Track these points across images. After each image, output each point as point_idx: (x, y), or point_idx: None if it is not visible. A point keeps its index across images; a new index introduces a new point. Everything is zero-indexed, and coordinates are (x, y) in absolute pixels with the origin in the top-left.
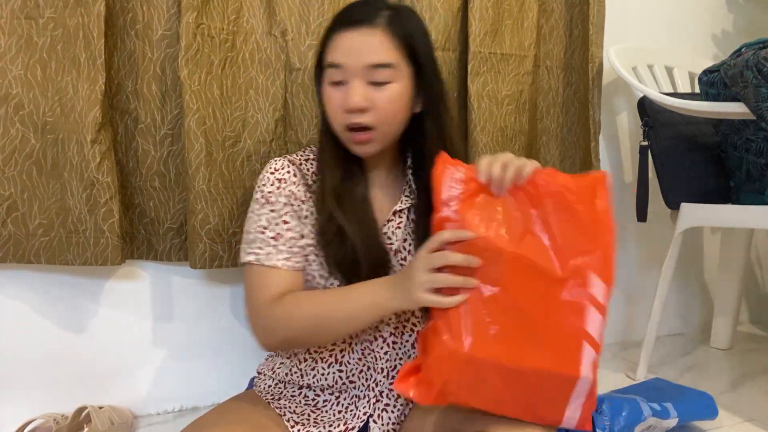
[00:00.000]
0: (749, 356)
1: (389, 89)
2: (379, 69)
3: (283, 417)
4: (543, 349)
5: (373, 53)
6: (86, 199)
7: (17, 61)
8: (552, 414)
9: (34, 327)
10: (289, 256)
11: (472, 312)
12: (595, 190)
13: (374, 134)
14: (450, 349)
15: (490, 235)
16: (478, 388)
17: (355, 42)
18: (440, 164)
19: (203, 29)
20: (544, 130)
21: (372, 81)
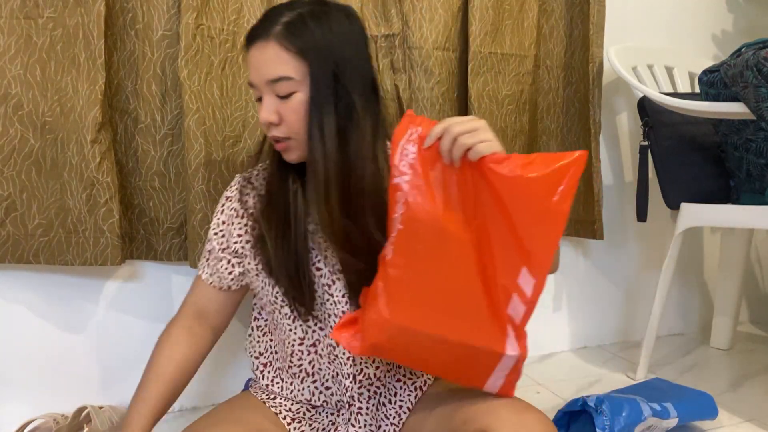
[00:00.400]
0: (749, 356)
1: (293, 100)
2: (278, 83)
3: (279, 415)
4: (472, 324)
5: (269, 68)
6: (86, 199)
7: (16, 60)
8: (475, 380)
9: (34, 327)
10: (212, 273)
11: (409, 282)
12: (560, 181)
13: (290, 143)
14: (383, 316)
15: (438, 214)
16: (407, 351)
17: (255, 59)
18: (403, 123)
19: (203, 30)
20: (545, 130)
21: (277, 94)
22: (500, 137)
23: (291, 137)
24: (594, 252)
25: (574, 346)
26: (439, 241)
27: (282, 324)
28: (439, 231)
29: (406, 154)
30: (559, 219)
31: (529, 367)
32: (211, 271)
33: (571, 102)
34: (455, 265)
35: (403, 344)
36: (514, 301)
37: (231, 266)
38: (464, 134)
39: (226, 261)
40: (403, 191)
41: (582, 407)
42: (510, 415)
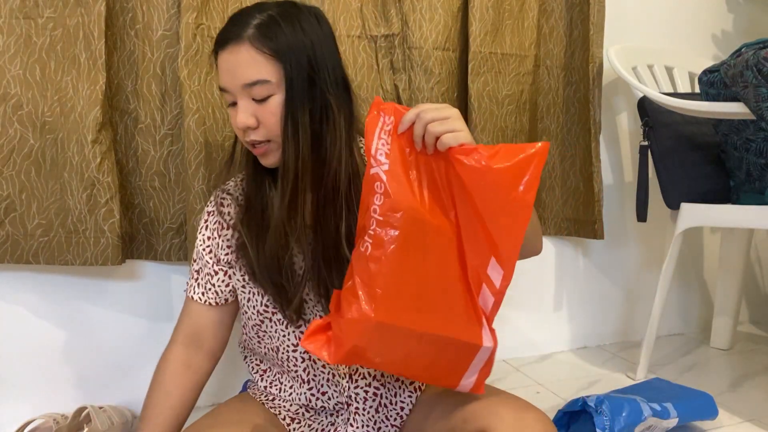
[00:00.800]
0: (749, 356)
1: (271, 102)
2: (255, 86)
3: (278, 416)
4: (449, 317)
5: (244, 72)
6: (86, 199)
7: (16, 60)
8: (451, 378)
9: (34, 327)
10: (204, 291)
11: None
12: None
13: (270, 146)
14: (366, 313)
15: (419, 204)
16: (385, 351)
17: (228, 63)
18: (372, 111)
19: (203, 29)
20: (545, 130)
21: (253, 98)
22: (500, 137)
23: (270, 140)
24: (594, 252)
25: (574, 346)
26: (419, 231)
27: (275, 332)
28: (420, 221)
29: (383, 144)
30: (525, 209)
31: (529, 367)
32: (203, 289)
33: (571, 102)
34: (436, 256)
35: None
36: (484, 292)
37: (227, 278)
38: (435, 122)
39: (222, 273)
40: (382, 181)
41: (582, 407)
42: (510, 414)
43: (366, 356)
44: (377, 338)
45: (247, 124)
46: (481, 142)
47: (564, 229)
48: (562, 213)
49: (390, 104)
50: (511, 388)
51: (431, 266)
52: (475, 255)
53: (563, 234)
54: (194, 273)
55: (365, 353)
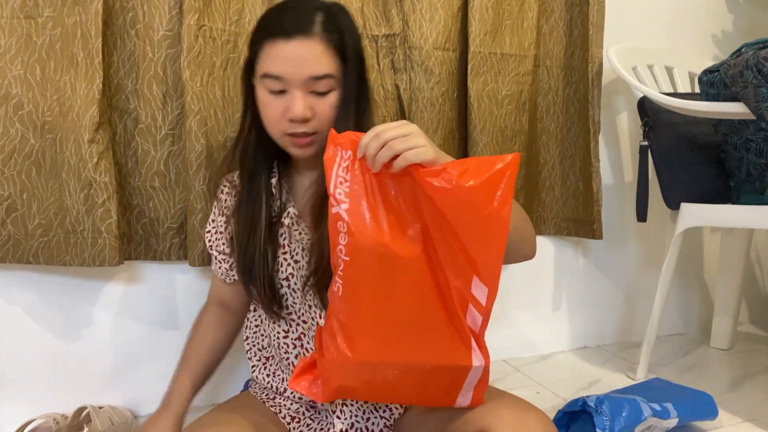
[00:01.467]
0: (749, 356)
1: (330, 97)
2: (320, 80)
3: (278, 414)
4: (436, 344)
5: (314, 65)
6: (84, 200)
7: (17, 60)
8: (445, 400)
9: (34, 327)
10: (218, 268)
11: (366, 314)
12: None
13: (315, 137)
14: (345, 354)
15: (385, 239)
16: (374, 386)
17: (293, 54)
18: (329, 147)
19: (205, 31)
20: (544, 130)
21: (313, 91)
22: (500, 137)
23: (317, 131)
24: (594, 252)
25: (574, 346)
26: (389, 266)
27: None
28: (387, 256)
29: (341, 181)
30: (501, 224)
31: (529, 367)
32: (217, 266)
33: (570, 102)
34: (410, 287)
35: (369, 380)
36: (471, 312)
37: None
38: (395, 140)
39: (221, 257)
40: (344, 221)
41: (582, 407)
42: (510, 415)
43: (354, 392)
44: (361, 375)
45: (306, 115)
46: (480, 143)
47: (563, 229)
48: (561, 213)
49: (345, 136)
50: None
51: (406, 298)
52: (456, 276)
53: (563, 234)
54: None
55: (352, 390)
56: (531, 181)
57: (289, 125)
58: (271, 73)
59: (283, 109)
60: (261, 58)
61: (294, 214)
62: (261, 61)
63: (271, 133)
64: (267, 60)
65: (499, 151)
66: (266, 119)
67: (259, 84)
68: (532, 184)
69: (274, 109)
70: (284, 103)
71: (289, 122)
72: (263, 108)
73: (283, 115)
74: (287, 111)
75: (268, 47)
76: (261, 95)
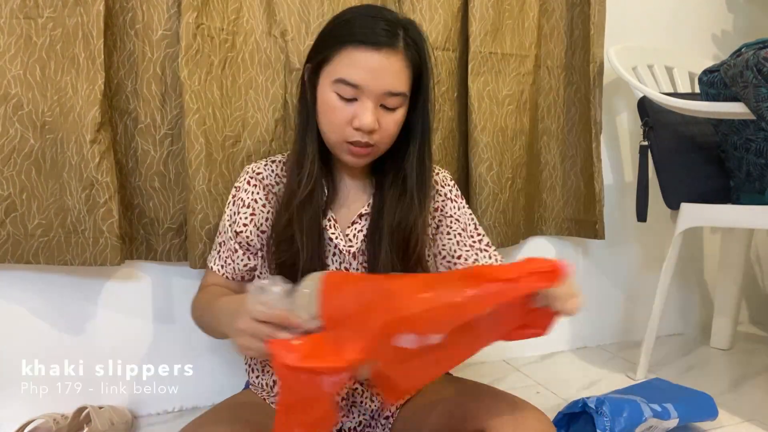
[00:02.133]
0: (749, 356)
1: (398, 113)
2: (394, 96)
3: None
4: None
5: (393, 80)
6: (85, 199)
7: (16, 60)
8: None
9: (34, 327)
10: (223, 264)
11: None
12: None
13: (373, 150)
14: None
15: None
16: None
17: (377, 65)
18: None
19: (203, 29)
20: (545, 130)
21: (384, 105)
22: (500, 137)
23: (376, 145)
24: (594, 252)
25: (574, 346)
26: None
27: None
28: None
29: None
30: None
31: (529, 367)
32: (222, 262)
33: (571, 102)
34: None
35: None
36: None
37: (247, 258)
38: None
39: (242, 251)
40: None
41: (582, 409)
42: (509, 414)
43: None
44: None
45: (374, 127)
46: (481, 142)
47: (565, 229)
48: (562, 213)
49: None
50: (511, 388)
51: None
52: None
53: (564, 234)
54: (218, 245)
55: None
56: (532, 181)
57: (353, 133)
58: (349, 80)
59: (351, 117)
60: (337, 62)
61: (332, 217)
62: (336, 65)
63: (330, 138)
64: (346, 65)
65: (500, 151)
66: (328, 123)
67: (328, 87)
68: (533, 184)
69: (341, 115)
70: (353, 111)
71: (353, 130)
72: (327, 112)
73: (348, 123)
74: (355, 119)
75: (349, 52)
76: (328, 99)
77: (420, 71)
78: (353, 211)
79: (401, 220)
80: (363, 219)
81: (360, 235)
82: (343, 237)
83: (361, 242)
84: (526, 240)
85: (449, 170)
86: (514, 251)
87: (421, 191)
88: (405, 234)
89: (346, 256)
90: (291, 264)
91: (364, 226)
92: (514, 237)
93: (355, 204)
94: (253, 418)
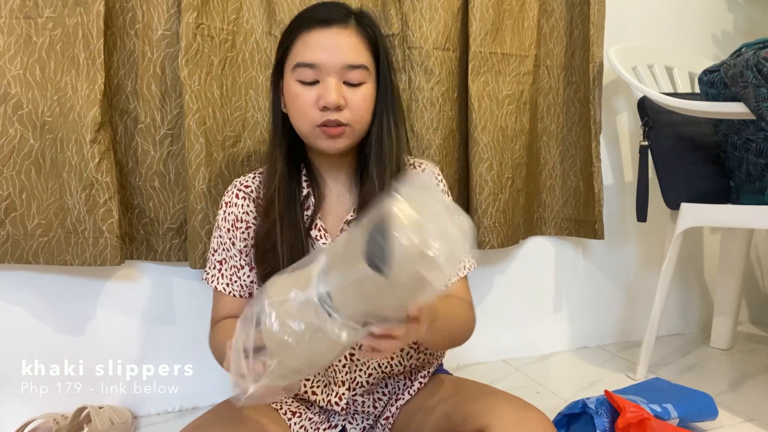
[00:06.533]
0: (749, 356)
1: (362, 89)
2: (355, 70)
3: (279, 411)
4: None
5: (349, 53)
6: (85, 199)
7: (16, 60)
8: None
9: (34, 327)
10: (230, 282)
11: None
12: None
13: (347, 129)
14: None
15: None
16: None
17: (330, 41)
18: None
19: (203, 29)
20: (545, 129)
21: (346, 81)
22: (500, 137)
23: (349, 124)
24: (594, 252)
25: (574, 346)
26: None
27: None
28: None
29: None
30: None
31: (529, 367)
32: (228, 281)
33: (571, 102)
34: None
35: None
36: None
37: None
38: None
39: (248, 268)
40: None
41: (582, 409)
42: (510, 414)
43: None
44: None
45: (340, 102)
46: (481, 142)
47: (564, 229)
48: (562, 213)
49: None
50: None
51: None
52: None
53: (563, 234)
54: (216, 263)
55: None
56: (531, 181)
57: (321, 115)
58: (305, 61)
59: (316, 98)
60: (294, 51)
61: (322, 227)
62: (294, 54)
63: (301, 127)
64: (301, 50)
65: (500, 151)
66: (297, 111)
67: (290, 78)
68: (533, 184)
69: (306, 99)
70: (317, 92)
71: (321, 112)
72: (293, 100)
73: (315, 104)
74: (320, 99)
75: (303, 37)
76: (292, 88)
77: (377, 49)
78: (341, 218)
79: (365, 198)
80: (350, 226)
81: None
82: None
83: None
84: (526, 240)
85: (449, 170)
86: (514, 251)
87: (380, 167)
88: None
89: None
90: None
91: None
92: (513, 237)
93: (343, 210)
94: (253, 418)
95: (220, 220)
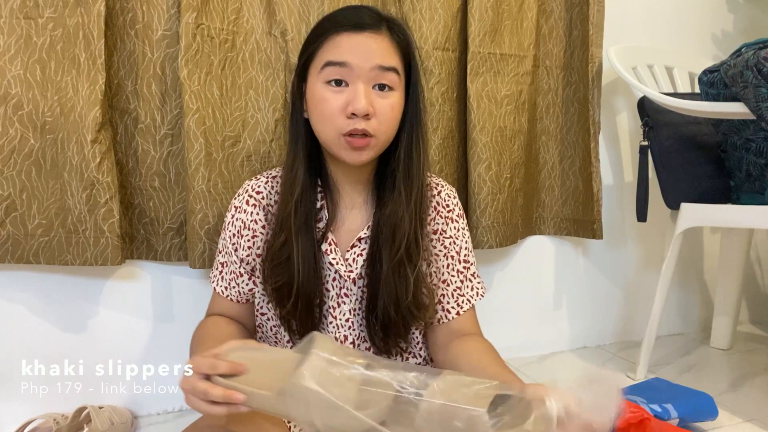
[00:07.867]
0: (749, 356)
1: (392, 96)
2: (387, 72)
3: None
4: None
5: (383, 55)
6: (86, 199)
7: (16, 60)
8: None
9: (34, 327)
10: (228, 287)
11: None
12: None
13: (372, 141)
14: None
15: None
16: None
17: (363, 43)
18: None
19: (203, 29)
20: (544, 130)
21: (377, 84)
22: (499, 137)
23: (375, 135)
24: (594, 252)
25: (574, 346)
26: None
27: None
28: None
29: None
30: None
31: (529, 367)
32: (226, 284)
33: (570, 102)
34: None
35: None
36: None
37: (251, 282)
38: None
39: (246, 276)
40: None
41: None
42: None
43: None
44: None
45: (368, 109)
46: (480, 142)
47: (563, 228)
48: (561, 213)
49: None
50: None
51: None
52: None
53: (562, 234)
54: (219, 265)
55: None
56: (530, 181)
57: (348, 122)
58: (336, 60)
59: (344, 104)
60: (323, 51)
61: (333, 240)
62: (322, 54)
63: (325, 135)
64: (331, 50)
65: (498, 151)
66: (322, 117)
67: (317, 80)
68: (532, 184)
69: (333, 104)
70: (345, 97)
71: (348, 119)
72: (319, 105)
73: (342, 111)
74: (348, 105)
75: (333, 39)
76: (318, 91)
77: (408, 58)
78: (353, 233)
79: (390, 214)
80: (362, 242)
81: (360, 259)
82: (343, 262)
83: (360, 267)
84: (526, 239)
85: (448, 170)
86: (513, 251)
87: (407, 183)
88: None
89: (346, 281)
90: (287, 288)
91: (363, 249)
92: (512, 236)
93: (356, 225)
94: (252, 419)
95: (227, 223)
